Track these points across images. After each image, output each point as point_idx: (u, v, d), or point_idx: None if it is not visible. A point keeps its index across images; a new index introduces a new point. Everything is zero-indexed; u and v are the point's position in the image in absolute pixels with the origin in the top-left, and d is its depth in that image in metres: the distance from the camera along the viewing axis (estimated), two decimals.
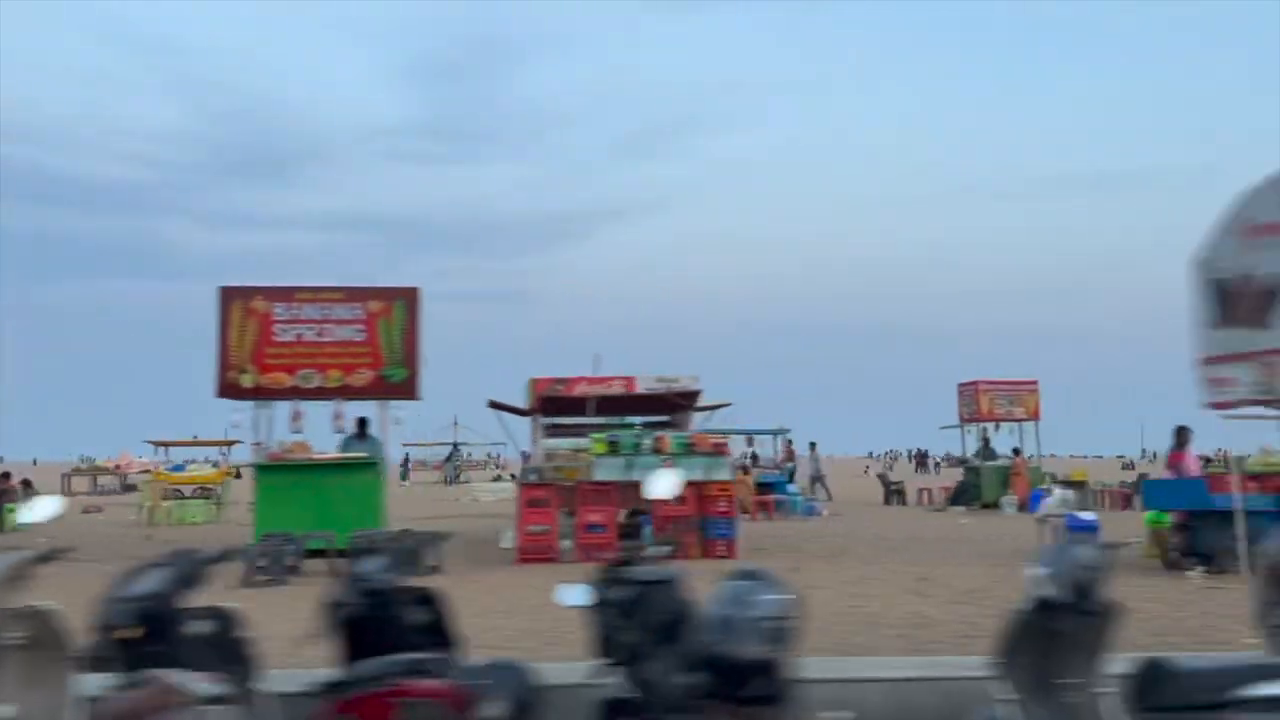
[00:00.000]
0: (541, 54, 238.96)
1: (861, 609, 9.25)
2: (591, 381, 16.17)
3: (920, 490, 30.38)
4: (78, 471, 44.77)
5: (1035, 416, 28.08)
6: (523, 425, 17.86)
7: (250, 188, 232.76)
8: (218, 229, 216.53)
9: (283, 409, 14.29)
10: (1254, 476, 12.55)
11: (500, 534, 15.49)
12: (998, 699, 3.91)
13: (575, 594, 4.00)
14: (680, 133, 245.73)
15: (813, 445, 32.83)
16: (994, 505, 25.16)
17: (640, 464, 13.15)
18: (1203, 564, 11.87)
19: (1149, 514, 13.56)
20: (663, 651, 3.71)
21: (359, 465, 13.39)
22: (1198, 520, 12.24)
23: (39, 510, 4.67)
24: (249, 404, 14.43)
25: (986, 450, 28.65)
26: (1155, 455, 73.65)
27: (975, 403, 27.76)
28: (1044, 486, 21.16)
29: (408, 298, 14.52)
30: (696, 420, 17.28)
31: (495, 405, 17.57)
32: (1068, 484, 22.21)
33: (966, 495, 26.97)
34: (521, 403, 17.35)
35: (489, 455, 64.17)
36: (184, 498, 26.34)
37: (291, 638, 4.79)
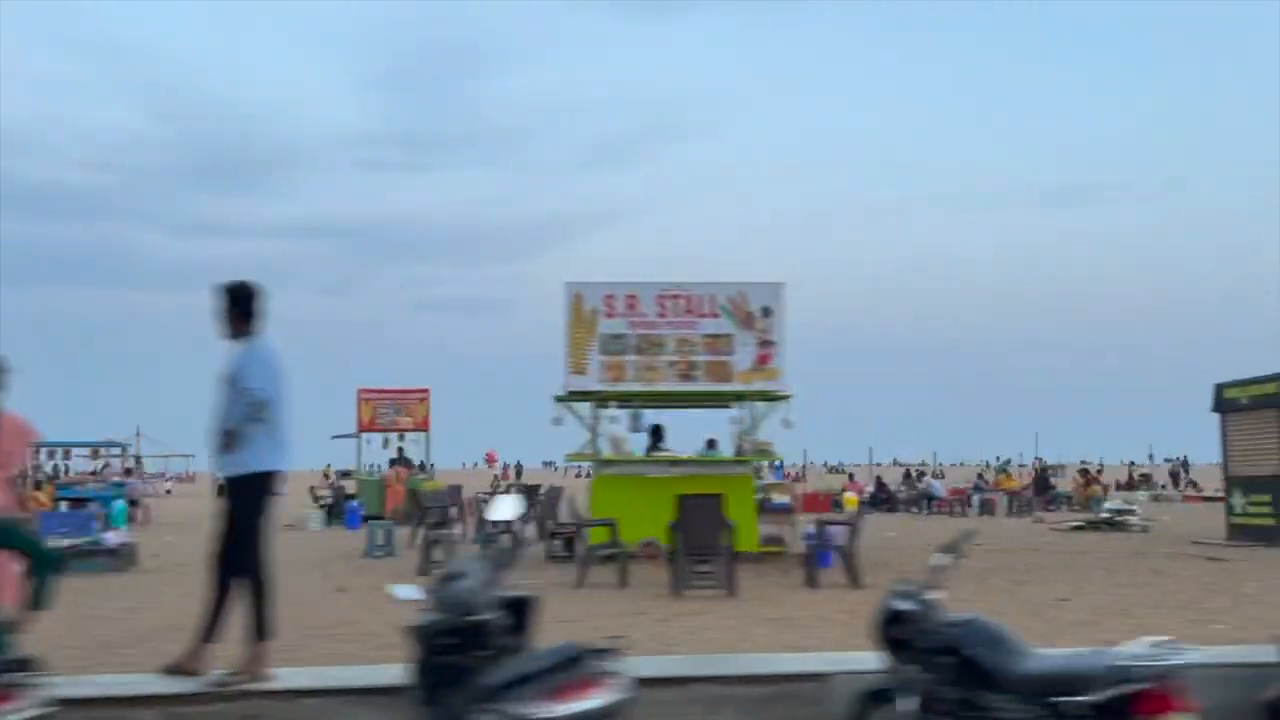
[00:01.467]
0: (511, 62, 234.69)
1: None
2: None
3: None
4: None
5: (425, 426, 27.93)
6: None
7: (218, 195, 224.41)
8: (184, 237, 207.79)
9: None
10: None
11: None
12: None
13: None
14: (651, 140, 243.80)
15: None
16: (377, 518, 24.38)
17: None
18: None
19: None
20: None
21: None
22: None
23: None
24: None
25: (401, 460, 28.42)
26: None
27: (359, 412, 27.49)
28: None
29: None
30: None
31: None
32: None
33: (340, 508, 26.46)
34: None
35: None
36: None
37: None
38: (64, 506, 22.40)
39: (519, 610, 4.31)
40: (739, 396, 14.63)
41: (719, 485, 13.74)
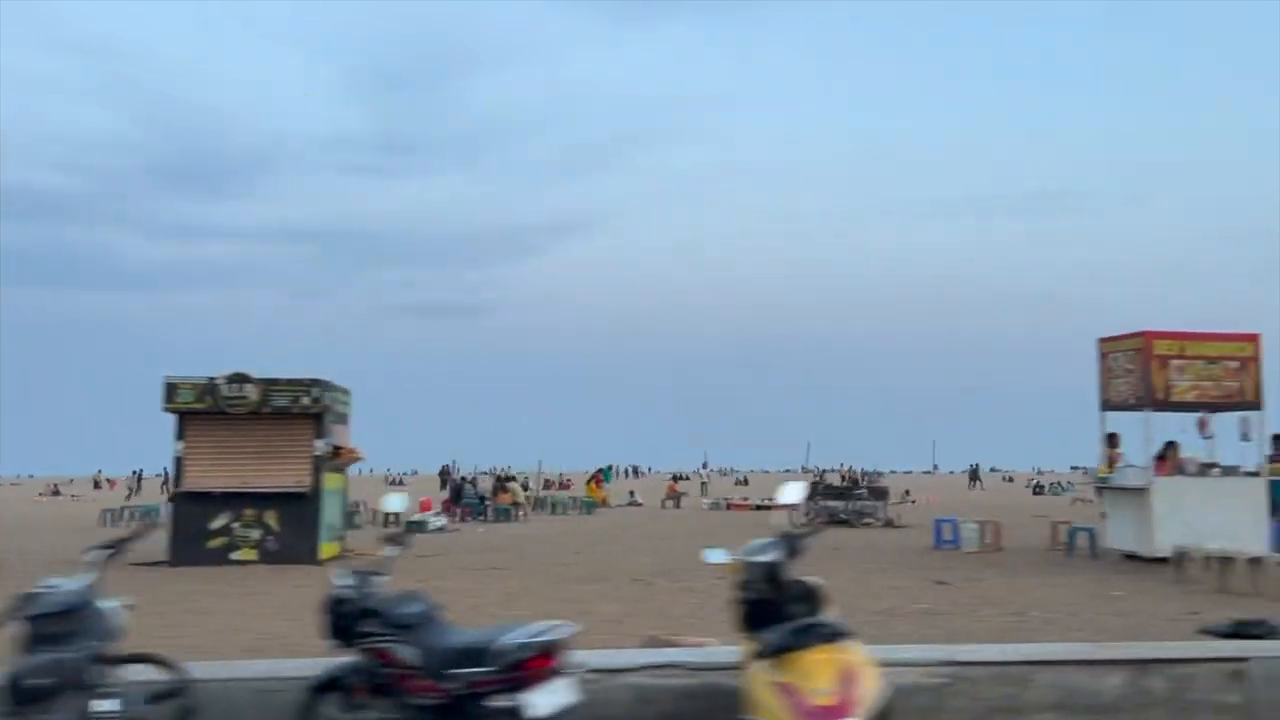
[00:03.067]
0: (492, 67, 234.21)
1: None
2: None
3: None
4: None
5: None
6: None
7: (195, 198, 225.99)
8: (162, 239, 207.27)
9: None
10: None
11: None
12: None
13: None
14: (632, 146, 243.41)
15: None
16: None
17: None
18: None
19: None
20: None
21: None
22: None
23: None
24: None
25: None
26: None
27: None
28: None
29: None
30: None
31: None
32: None
33: None
34: None
35: None
36: None
37: None
38: None
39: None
40: None
41: None
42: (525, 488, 37.75)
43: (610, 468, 68.51)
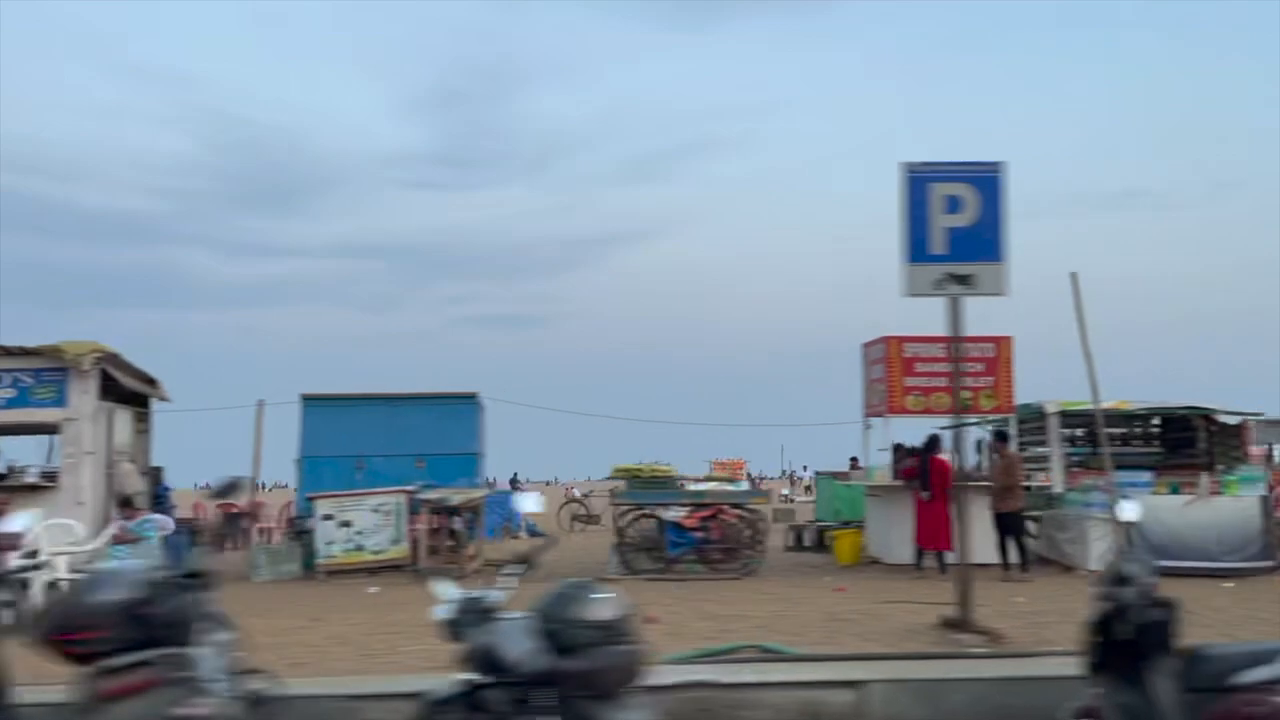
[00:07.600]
0: (548, 80, 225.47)
1: None
2: None
3: None
4: None
5: None
6: None
7: (264, 217, 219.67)
8: (234, 258, 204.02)
9: None
10: None
11: None
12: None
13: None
14: (688, 156, 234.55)
15: None
16: None
17: None
18: None
19: None
20: None
21: None
22: None
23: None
24: None
25: None
26: None
27: None
28: None
29: None
30: None
31: None
32: None
33: None
34: None
35: None
36: None
37: None
38: None
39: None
40: None
41: None
42: None
43: None
